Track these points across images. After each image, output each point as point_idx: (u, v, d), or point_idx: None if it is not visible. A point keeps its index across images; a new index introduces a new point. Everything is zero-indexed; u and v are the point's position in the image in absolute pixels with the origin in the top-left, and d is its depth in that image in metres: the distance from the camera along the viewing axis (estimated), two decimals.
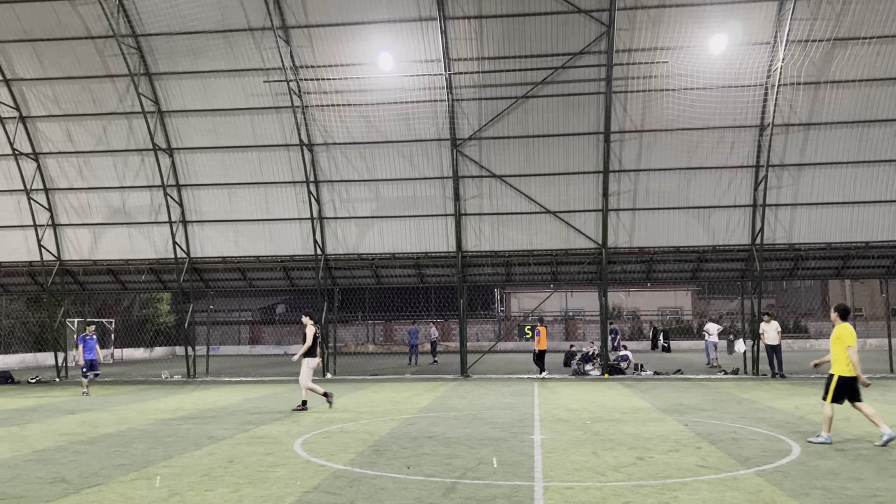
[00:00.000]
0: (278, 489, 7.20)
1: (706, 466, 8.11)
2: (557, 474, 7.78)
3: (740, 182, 21.36)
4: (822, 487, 7.02)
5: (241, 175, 22.64)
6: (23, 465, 8.72)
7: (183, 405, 15.41)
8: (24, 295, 31.12)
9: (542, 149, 21.49)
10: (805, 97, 20.32)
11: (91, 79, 21.86)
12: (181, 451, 9.54)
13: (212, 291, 25.89)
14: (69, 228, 23.88)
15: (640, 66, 20.12)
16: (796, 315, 48.84)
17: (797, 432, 10.46)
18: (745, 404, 14.24)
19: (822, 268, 22.94)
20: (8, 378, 23.10)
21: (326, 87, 21.28)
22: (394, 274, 23.99)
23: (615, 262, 22.52)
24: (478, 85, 20.99)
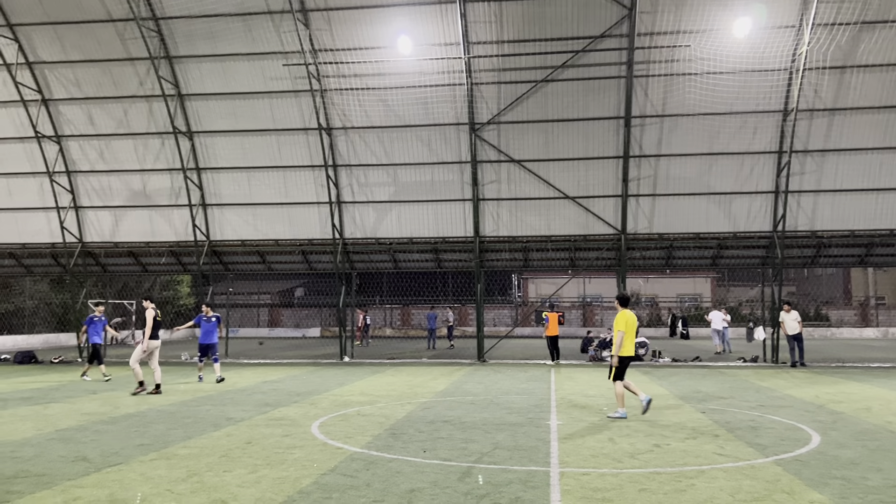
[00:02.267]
0: (295, 471, 7.26)
1: (724, 454, 8.06)
2: (573, 460, 7.78)
3: (762, 168, 21.08)
4: (842, 477, 6.95)
5: (260, 159, 22.72)
6: (46, 443, 8.86)
7: (202, 386, 15.58)
8: (47, 276, 31.56)
9: (562, 133, 21.33)
10: (830, 82, 19.97)
11: (112, 62, 21.98)
12: (200, 432, 9.64)
13: (231, 274, 26.10)
14: (91, 211, 24.13)
15: (662, 50, 19.86)
16: (817, 303, 48.33)
17: (817, 421, 10.36)
18: (764, 392, 14.13)
19: (845, 255, 22.64)
20: (31, 358, 23.50)
21: (345, 70, 21.24)
22: (411, 258, 24.02)
23: (634, 248, 22.37)
24: (497, 69, 20.84)
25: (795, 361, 20.35)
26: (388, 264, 24.46)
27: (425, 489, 6.51)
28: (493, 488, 6.54)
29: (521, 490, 6.48)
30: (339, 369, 20.02)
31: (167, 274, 39.09)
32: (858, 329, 44.90)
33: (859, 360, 22.86)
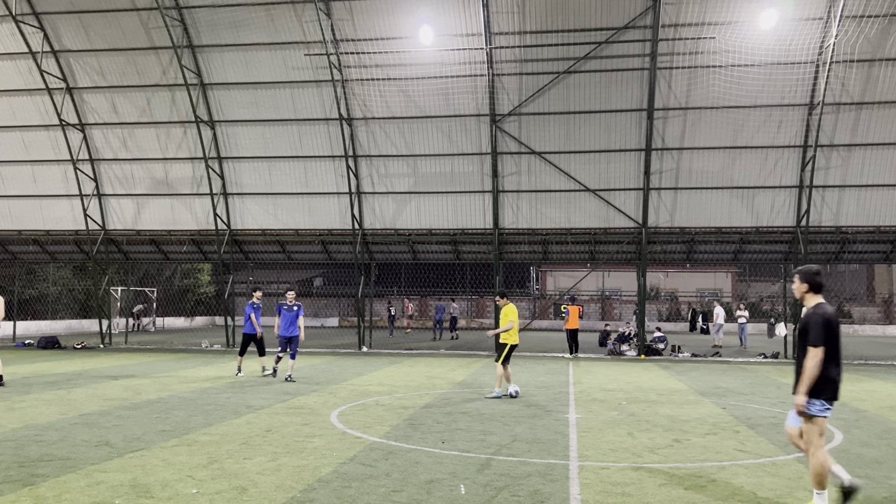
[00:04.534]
0: (315, 459, 7.30)
1: (744, 451, 7.99)
2: (592, 454, 7.75)
3: (787, 162, 20.81)
4: (866, 476, 6.86)
5: (281, 148, 22.80)
6: (69, 427, 8.98)
7: (222, 374, 15.71)
8: (71, 263, 31.95)
9: (583, 125, 21.19)
10: (858, 75, 19.65)
11: (135, 51, 22.14)
12: (220, 419, 9.72)
13: (251, 263, 26.25)
14: (113, 198, 24.37)
15: (687, 42, 19.64)
16: (840, 299, 47.75)
17: (839, 419, 10.23)
18: (785, 389, 13.98)
19: (870, 252, 22.34)
20: (55, 343, 23.82)
21: (366, 60, 21.23)
22: (430, 250, 24.02)
23: (655, 241, 22.21)
24: (519, 60, 20.72)
25: None
26: (407, 255, 24.49)
27: (444, 480, 6.52)
28: (511, 480, 6.53)
29: (540, 483, 6.47)
30: (358, 359, 20.11)
31: (188, 262, 39.42)
32: (881, 326, 44.31)
33: (882, 358, 22.57)
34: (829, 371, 5.67)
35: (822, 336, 5.66)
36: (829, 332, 5.70)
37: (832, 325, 5.75)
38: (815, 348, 5.66)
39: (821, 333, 5.67)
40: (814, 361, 5.65)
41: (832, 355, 5.70)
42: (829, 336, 5.70)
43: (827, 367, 5.67)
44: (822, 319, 5.72)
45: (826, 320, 5.73)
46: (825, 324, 5.70)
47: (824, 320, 5.71)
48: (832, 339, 5.71)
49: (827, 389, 5.67)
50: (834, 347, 5.72)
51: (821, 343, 5.66)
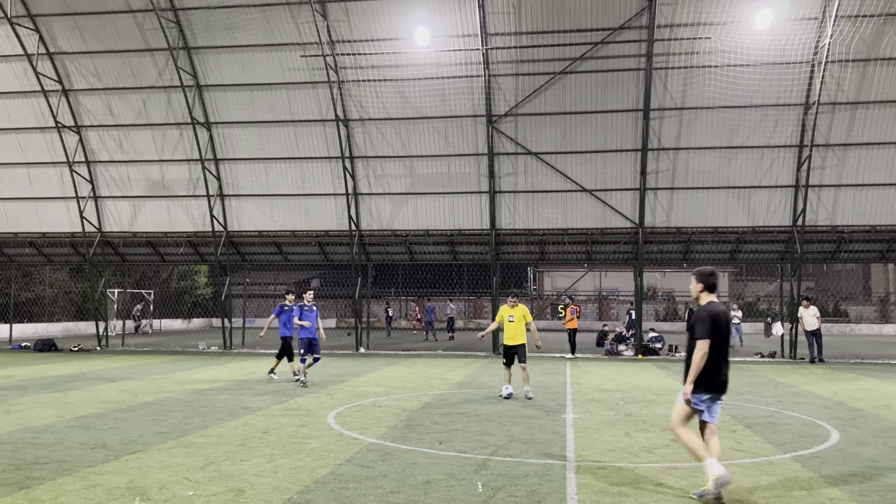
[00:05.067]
0: (312, 461, 7.29)
1: (741, 450, 8.01)
2: (589, 454, 7.75)
3: (783, 162, 20.85)
4: (862, 475, 6.88)
5: (278, 150, 22.78)
6: (65, 430, 8.96)
7: (219, 376, 15.69)
8: (67, 265, 31.89)
9: (580, 126, 21.21)
10: (853, 75, 19.70)
11: (131, 52, 22.10)
12: (217, 420, 9.71)
13: (248, 265, 26.22)
14: (110, 200, 24.33)
15: (682, 42, 19.67)
16: (836, 299, 47.86)
17: (836, 418, 10.26)
18: (782, 388, 14.02)
19: (866, 251, 22.39)
20: (51, 346, 23.77)
21: (362, 61, 21.22)
22: (427, 251, 24.03)
23: (651, 241, 22.24)
24: (515, 60, 20.73)
25: (814, 357, 20.17)
26: (404, 256, 24.49)
27: (441, 481, 6.52)
28: (509, 481, 6.53)
29: (537, 483, 6.47)
30: (355, 360, 20.10)
31: (185, 264, 39.38)
32: (878, 325, 44.41)
33: (879, 357, 22.61)
34: (711, 366, 6.08)
35: (706, 330, 6.07)
36: (714, 328, 6.09)
37: (717, 321, 6.14)
38: (702, 341, 6.06)
39: (706, 328, 6.07)
40: (700, 353, 6.04)
41: (717, 351, 6.10)
42: (714, 331, 6.09)
43: (708, 361, 6.06)
44: (707, 315, 6.14)
45: (711, 316, 6.13)
46: (710, 319, 6.11)
47: (710, 316, 6.13)
48: (716, 335, 6.10)
49: (706, 382, 6.11)
50: (718, 344, 6.12)
51: (706, 336, 6.06)
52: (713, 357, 6.08)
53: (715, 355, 6.09)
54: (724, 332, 6.19)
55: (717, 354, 6.10)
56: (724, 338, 6.21)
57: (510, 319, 12.34)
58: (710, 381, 6.11)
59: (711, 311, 6.17)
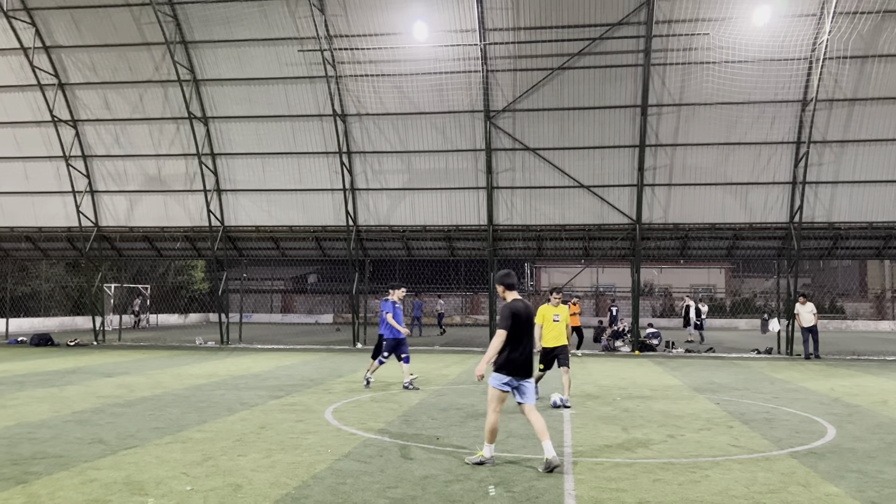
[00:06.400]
0: (310, 456, 7.29)
1: (738, 446, 8.02)
2: (587, 450, 7.76)
3: (780, 158, 20.87)
4: (858, 471, 6.90)
5: (275, 145, 22.74)
6: (62, 425, 8.95)
7: (216, 371, 15.67)
8: (64, 260, 31.81)
9: (577, 122, 21.20)
10: (851, 71, 19.71)
11: (127, 46, 22.03)
12: (214, 416, 9.70)
13: (245, 260, 26.19)
14: (106, 195, 24.26)
15: (680, 38, 19.66)
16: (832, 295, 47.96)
17: (832, 414, 10.29)
18: (779, 384, 14.05)
19: (863, 248, 22.44)
20: (48, 340, 23.73)
21: (360, 56, 21.18)
22: (424, 246, 24.01)
23: (649, 237, 22.25)
24: (513, 56, 20.71)
25: (810, 354, 20.21)
26: (401, 252, 24.48)
27: (439, 476, 6.52)
28: (506, 476, 6.54)
29: (534, 479, 6.48)
30: (352, 355, 20.09)
31: (182, 259, 39.31)
32: (874, 322, 44.51)
33: (875, 353, 22.67)
34: (511, 353, 6.96)
35: (505, 323, 6.97)
36: (512, 321, 6.97)
37: (517, 315, 7.03)
38: (500, 331, 6.98)
39: (505, 321, 6.98)
40: (496, 341, 6.98)
41: (516, 341, 6.97)
42: (512, 323, 6.97)
43: (509, 349, 6.95)
44: (507, 310, 7.06)
45: (512, 311, 7.04)
46: (510, 313, 7.01)
47: (510, 311, 7.03)
48: (516, 327, 6.97)
49: (506, 367, 6.96)
50: (517, 335, 6.99)
51: (503, 327, 6.97)
52: (514, 346, 6.96)
53: (516, 344, 6.97)
54: (524, 325, 7.07)
55: (518, 343, 6.98)
56: (525, 329, 7.08)
57: (555, 319, 11.02)
58: (511, 367, 6.95)
59: (513, 307, 7.07)
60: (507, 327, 6.95)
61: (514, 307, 7.07)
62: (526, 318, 7.10)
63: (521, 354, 6.99)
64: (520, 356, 6.98)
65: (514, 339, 6.96)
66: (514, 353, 6.96)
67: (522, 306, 7.13)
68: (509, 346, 6.96)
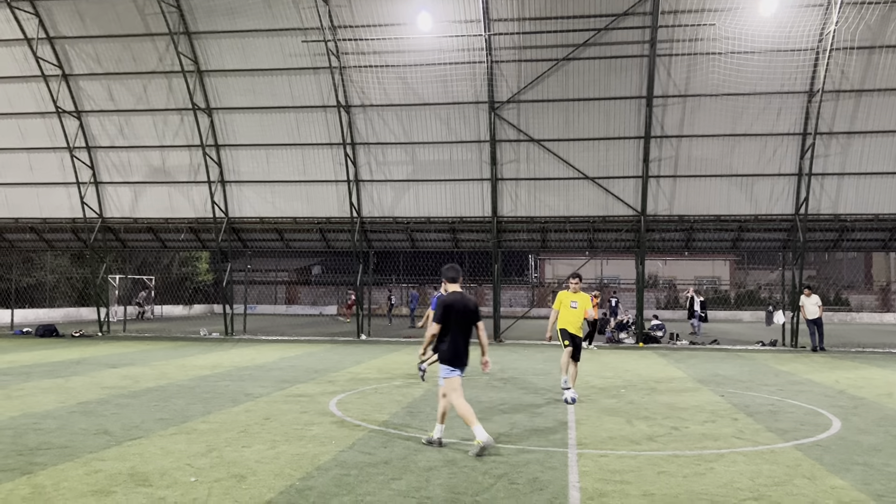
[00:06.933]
0: (314, 447, 7.30)
1: (743, 438, 8.00)
2: (591, 442, 7.75)
3: (786, 150, 20.77)
4: (864, 463, 6.87)
5: (279, 136, 22.70)
6: (67, 416, 8.97)
7: (221, 362, 15.70)
8: (68, 251, 31.86)
9: (582, 113, 21.11)
10: (858, 62, 19.57)
11: (131, 37, 21.98)
12: (219, 407, 9.72)
13: (249, 251, 26.20)
14: (110, 186, 24.27)
15: (686, 29, 19.54)
16: (838, 287, 47.83)
17: (837, 406, 10.26)
18: (783, 377, 14.02)
19: (868, 240, 22.36)
20: (53, 331, 23.79)
21: (364, 47, 21.10)
22: (428, 238, 23.99)
23: (654, 229, 22.19)
24: (518, 46, 20.61)
25: (815, 346, 20.17)
26: (406, 243, 24.46)
27: (443, 468, 6.52)
28: (510, 468, 6.53)
29: (539, 470, 6.47)
30: (356, 347, 20.12)
31: (186, 250, 39.37)
32: (879, 314, 44.42)
33: (880, 346, 22.61)
34: (448, 344, 7.27)
35: (438, 315, 7.30)
36: (446, 313, 7.28)
37: (451, 307, 7.32)
38: (434, 324, 7.34)
39: (439, 314, 7.30)
40: (431, 331, 7.41)
41: (452, 333, 7.27)
42: (446, 316, 7.27)
43: (449, 341, 7.26)
44: (442, 303, 7.35)
45: (445, 304, 7.33)
46: (443, 307, 7.31)
47: (442, 303, 7.34)
48: (447, 319, 7.26)
49: (449, 357, 7.28)
50: (452, 326, 7.27)
51: (437, 321, 7.30)
52: (452, 336, 7.27)
53: (454, 335, 7.28)
54: (460, 316, 7.32)
55: (455, 334, 7.29)
56: (460, 320, 7.32)
57: (572, 305, 10.69)
58: (451, 357, 7.29)
59: (447, 300, 7.38)
60: (439, 320, 7.28)
61: (447, 300, 7.38)
62: (460, 311, 7.33)
63: (458, 344, 7.31)
64: (458, 346, 7.31)
65: (451, 331, 7.28)
66: (453, 343, 7.28)
67: (458, 299, 7.40)
68: (448, 337, 7.28)
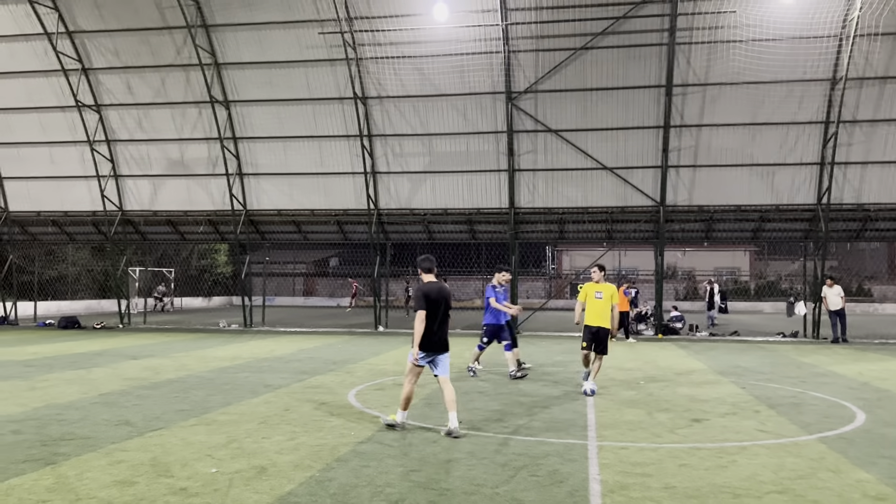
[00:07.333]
0: (333, 439, 7.31)
1: (765, 431, 7.91)
2: (611, 434, 7.70)
3: (808, 139, 20.46)
4: (890, 457, 6.76)
5: (296, 128, 22.72)
6: (90, 407, 9.06)
7: (240, 354, 15.79)
8: (89, 244, 32.19)
9: (600, 102, 20.92)
10: (883, 48, 19.21)
11: (149, 31, 22.07)
12: (238, 398, 9.77)
13: (267, 243, 26.30)
14: (130, 179, 24.45)
15: (706, 16, 19.28)
16: (860, 278, 47.21)
17: (861, 399, 10.11)
18: (806, 368, 13.86)
19: (892, 229, 21.98)
20: (75, 323, 24.08)
21: (381, 38, 21.04)
22: (445, 230, 23.94)
23: (673, 220, 21.99)
24: (535, 36, 20.45)
25: (837, 337, 19.91)
26: (423, 235, 24.42)
27: (462, 460, 6.50)
28: (530, 460, 6.50)
29: (558, 463, 6.43)
30: (374, 338, 20.16)
31: (205, 243, 39.63)
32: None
33: None
34: (426, 331, 7.48)
35: (419, 304, 7.53)
36: (425, 301, 7.53)
37: (428, 295, 7.57)
38: (418, 312, 7.51)
39: (419, 302, 7.53)
40: (417, 322, 7.48)
41: (430, 320, 7.51)
42: (425, 304, 7.50)
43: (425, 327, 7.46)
44: (419, 292, 7.61)
45: (423, 293, 7.58)
46: (422, 295, 7.56)
47: (422, 292, 7.58)
48: (428, 306, 7.50)
49: (422, 343, 7.48)
50: (430, 314, 7.51)
51: (418, 308, 7.52)
52: (429, 324, 7.50)
53: (429, 322, 7.51)
54: (436, 304, 7.56)
55: (432, 322, 7.53)
56: (437, 308, 7.57)
57: (597, 296, 10.40)
58: (426, 343, 7.50)
59: (424, 288, 7.62)
60: (421, 308, 7.52)
61: (424, 289, 7.63)
62: (437, 299, 7.60)
63: (435, 332, 7.58)
64: (434, 333, 7.56)
65: (429, 318, 7.53)
66: (429, 330, 7.52)
67: (436, 287, 7.67)
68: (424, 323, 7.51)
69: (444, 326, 7.72)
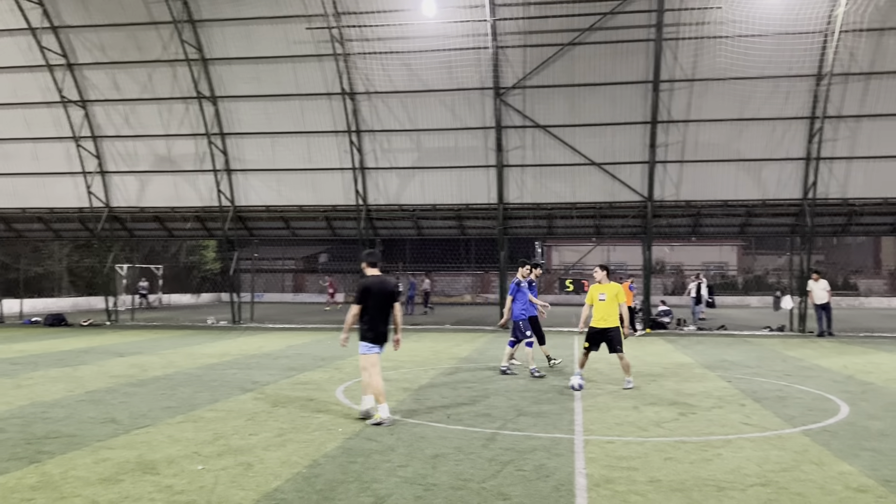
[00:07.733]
0: (321, 435, 7.31)
1: (750, 424, 7.98)
2: (598, 428, 7.74)
3: (794, 134, 20.60)
4: (873, 449, 6.84)
5: (284, 124, 22.64)
6: (76, 404, 9.01)
7: (228, 350, 15.75)
8: (75, 240, 32.01)
9: (588, 98, 20.97)
10: (867, 44, 19.36)
11: (135, 26, 21.92)
12: (226, 395, 9.75)
13: (256, 240, 26.22)
14: (117, 176, 24.28)
15: (693, 12, 19.36)
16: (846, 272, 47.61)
17: (846, 392, 10.21)
18: (791, 362, 13.97)
19: (877, 224, 22.22)
20: (61, 321, 23.93)
21: (368, 33, 20.99)
22: (434, 225, 23.95)
23: (661, 215, 22.08)
24: (523, 31, 20.46)
25: (823, 331, 20.08)
26: (412, 231, 24.43)
27: (449, 454, 6.52)
28: (517, 455, 6.53)
29: (545, 457, 6.46)
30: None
31: (193, 239, 39.47)
32: (888, 298, 44.20)
33: (889, 331, 22.51)
34: (370, 323, 7.81)
35: (357, 297, 7.85)
36: (365, 295, 7.81)
37: (369, 289, 7.84)
38: (353, 305, 7.87)
39: (357, 295, 7.85)
40: (350, 313, 7.86)
41: (371, 312, 7.81)
42: (363, 298, 7.81)
43: (367, 320, 7.80)
44: (360, 286, 7.88)
45: (363, 286, 7.86)
46: (361, 289, 7.85)
47: (361, 286, 7.86)
48: (368, 300, 7.81)
49: (369, 335, 7.82)
50: (372, 307, 7.81)
51: (356, 302, 7.84)
52: (372, 316, 7.81)
53: (373, 315, 7.82)
54: (377, 297, 7.84)
55: (374, 314, 7.83)
56: (378, 302, 7.84)
57: (601, 298, 10.52)
58: (373, 335, 7.82)
59: (366, 282, 7.89)
60: (358, 301, 7.83)
61: (365, 283, 7.88)
62: (378, 293, 7.85)
63: (378, 324, 7.84)
64: (377, 326, 7.84)
65: (370, 311, 7.82)
66: (373, 323, 7.82)
67: (377, 282, 7.93)
68: (367, 316, 7.82)
69: (386, 320, 7.97)
